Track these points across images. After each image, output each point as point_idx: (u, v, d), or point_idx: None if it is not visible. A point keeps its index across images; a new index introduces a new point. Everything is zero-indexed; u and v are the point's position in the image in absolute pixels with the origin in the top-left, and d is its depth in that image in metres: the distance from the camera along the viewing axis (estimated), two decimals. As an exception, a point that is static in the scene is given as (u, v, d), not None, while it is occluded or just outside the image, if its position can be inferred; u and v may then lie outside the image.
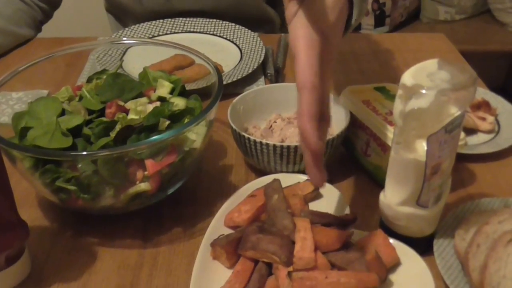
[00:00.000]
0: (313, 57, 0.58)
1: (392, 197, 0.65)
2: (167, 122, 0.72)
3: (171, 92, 0.79)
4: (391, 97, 0.83)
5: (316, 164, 0.59)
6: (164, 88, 0.79)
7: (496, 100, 0.99)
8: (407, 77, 0.59)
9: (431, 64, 0.62)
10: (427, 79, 0.59)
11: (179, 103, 0.76)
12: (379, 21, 2.56)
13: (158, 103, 0.75)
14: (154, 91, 0.79)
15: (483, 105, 0.96)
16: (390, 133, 0.75)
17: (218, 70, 0.78)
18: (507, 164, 0.87)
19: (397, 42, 1.26)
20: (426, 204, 0.64)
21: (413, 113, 0.58)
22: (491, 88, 1.03)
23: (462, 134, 0.76)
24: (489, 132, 0.93)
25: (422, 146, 0.60)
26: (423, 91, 0.57)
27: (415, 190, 0.63)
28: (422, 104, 0.57)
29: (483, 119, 0.93)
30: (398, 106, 0.59)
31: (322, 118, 0.61)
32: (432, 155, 0.60)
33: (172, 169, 0.70)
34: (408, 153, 0.61)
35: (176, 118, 0.74)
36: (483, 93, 1.01)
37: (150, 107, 0.74)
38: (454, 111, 0.59)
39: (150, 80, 0.82)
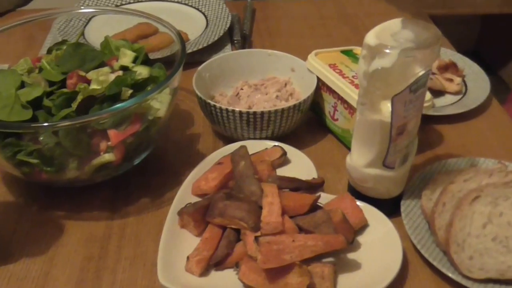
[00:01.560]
0: None
1: (359, 159, 0.65)
2: (130, 91, 0.70)
3: (134, 61, 0.78)
4: (358, 60, 0.82)
5: None
6: (126, 57, 0.78)
7: (463, 62, 1.00)
8: (371, 37, 0.58)
9: (395, 23, 0.61)
10: (390, 39, 0.58)
11: (142, 71, 0.74)
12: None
13: (120, 73, 0.73)
14: (117, 61, 0.77)
15: (451, 67, 0.96)
16: (357, 96, 0.74)
17: (181, 37, 0.76)
18: (474, 124, 0.88)
19: (365, 6, 1.25)
20: (392, 165, 0.64)
21: (377, 73, 0.57)
22: (463, 51, 1.03)
23: (429, 96, 0.76)
24: (456, 93, 0.93)
25: (387, 107, 0.59)
26: (387, 51, 0.56)
27: (381, 151, 0.63)
28: (385, 63, 0.56)
29: (451, 80, 0.93)
30: (362, 66, 0.59)
31: None
32: (397, 115, 0.59)
33: (137, 138, 0.68)
34: (373, 114, 0.61)
35: (139, 87, 0.73)
36: (450, 54, 1.01)
37: (113, 77, 0.72)
38: (419, 70, 0.58)
39: (112, 49, 0.80)
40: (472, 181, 0.66)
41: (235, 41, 1.05)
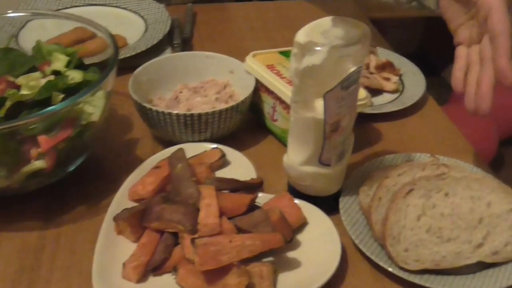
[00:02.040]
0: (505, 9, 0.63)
1: (295, 157, 0.65)
2: (61, 96, 0.68)
3: (68, 65, 0.76)
4: (294, 60, 0.83)
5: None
6: (59, 62, 0.76)
7: (400, 61, 1.02)
8: (301, 35, 0.58)
9: (325, 21, 0.61)
10: (321, 36, 0.59)
11: (75, 76, 0.73)
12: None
13: (52, 77, 0.71)
14: (49, 65, 0.75)
15: (388, 66, 0.98)
16: (294, 95, 0.75)
17: (114, 39, 0.75)
18: (411, 121, 0.89)
19: (306, 9, 1.27)
20: (328, 162, 0.65)
21: (308, 71, 0.58)
22: (407, 54, 1.05)
23: (365, 94, 0.77)
24: (393, 91, 0.95)
25: (320, 104, 0.60)
26: (317, 48, 0.57)
27: (317, 148, 0.63)
28: (316, 61, 0.57)
29: (388, 79, 0.95)
30: (293, 64, 0.59)
31: None
32: (330, 112, 0.60)
33: (69, 144, 0.66)
34: (307, 111, 0.61)
35: (73, 91, 0.70)
36: (387, 54, 1.03)
37: (44, 82, 0.70)
38: (350, 67, 0.59)
39: (44, 54, 0.78)
40: (406, 175, 0.68)
41: (175, 45, 1.04)
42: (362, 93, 0.76)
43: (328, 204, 0.68)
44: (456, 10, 0.70)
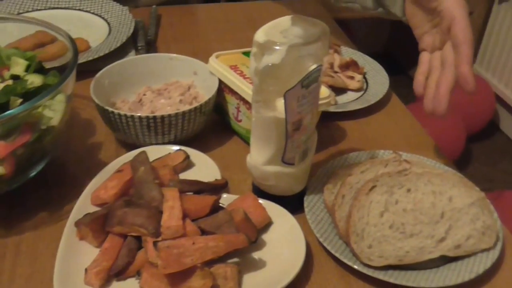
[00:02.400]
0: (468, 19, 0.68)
1: (258, 157, 0.65)
2: (19, 101, 0.67)
3: (27, 69, 0.74)
4: (258, 60, 0.83)
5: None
6: (18, 66, 0.74)
7: (364, 59, 1.02)
8: (260, 35, 0.58)
9: (284, 20, 0.61)
10: (280, 35, 0.59)
11: (34, 80, 0.71)
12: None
13: (10, 82, 0.70)
14: (8, 70, 0.74)
15: (352, 65, 0.98)
16: (257, 95, 0.74)
17: (73, 42, 0.74)
18: (375, 119, 0.90)
19: (272, 10, 1.27)
20: (292, 161, 0.65)
21: (267, 70, 0.58)
22: (373, 53, 1.05)
23: (328, 92, 0.77)
24: (358, 90, 0.96)
25: (281, 103, 0.60)
26: (276, 47, 0.57)
27: (279, 148, 0.63)
28: (275, 60, 0.57)
29: (352, 78, 0.96)
30: (252, 64, 0.59)
31: None
32: (291, 111, 0.60)
33: (28, 149, 0.65)
34: (268, 111, 0.61)
35: (33, 96, 0.69)
36: (351, 53, 1.04)
37: (1, 86, 0.69)
38: (309, 65, 0.59)
39: (3, 58, 0.76)
40: (369, 172, 0.68)
41: (140, 47, 1.03)
42: (325, 91, 0.76)
43: (293, 203, 0.69)
44: (421, 18, 0.74)
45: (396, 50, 2.88)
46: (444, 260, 0.63)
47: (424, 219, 0.63)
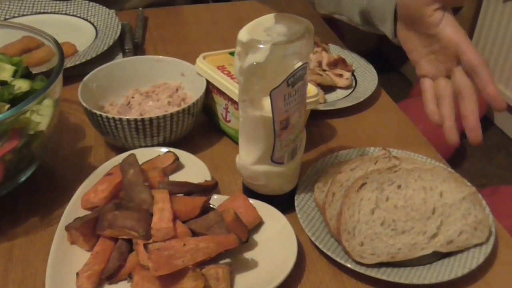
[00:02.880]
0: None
1: (247, 157, 0.65)
2: (7, 106, 0.67)
3: (14, 75, 0.74)
4: (246, 60, 0.83)
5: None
6: (5, 72, 0.74)
7: (352, 57, 1.03)
8: (243, 34, 0.58)
9: (267, 19, 0.61)
10: (263, 34, 0.59)
11: (22, 85, 0.71)
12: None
13: (-3, 88, 0.70)
14: (-5, 76, 0.73)
15: (340, 62, 0.98)
16: (246, 96, 0.74)
17: (60, 47, 0.73)
18: (364, 116, 0.90)
19: (259, 10, 1.27)
20: (281, 160, 0.65)
21: (252, 69, 0.57)
22: (364, 51, 1.05)
23: (316, 91, 0.77)
24: (346, 87, 0.96)
25: (267, 102, 0.59)
26: (260, 46, 0.57)
27: (268, 147, 0.63)
28: (259, 58, 0.56)
29: (340, 75, 0.96)
30: (237, 63, 0.59)
31: None
32: (278, 109, 0.60)
33: (17, 154, 0.65)
34: (255, 110, 0.61)
35: (20, 101, 0.69)
36: (339, 51, 1.04)
37: (-12, 93, 0.68)
38: (294, 63, 0.59)
39: (-11, 64, 0.76)
40: (358, 169, 0.68)
41: (127, 50, 1.03)
42: (313, 90, 0.76)
43: (284, 203, 0.68)
44: (417, 44, 0.74)
45: (388, 48, 2.88)
46: (437, 256, 0.63)
47: (416, 215, 0.63)
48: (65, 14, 1.13)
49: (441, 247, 0.63)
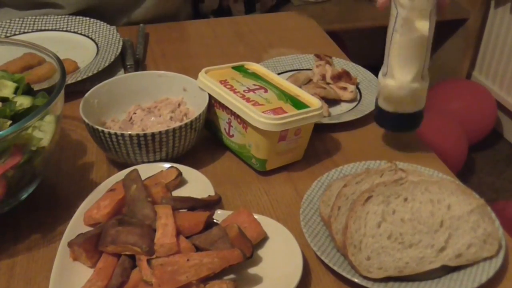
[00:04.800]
0: None
1: (406, 76, 0.74)
2: (9, 122, 0.66)
3: (16, 91, 0.74)
4: (249, 74, 0.83)
5: None
6: (7, 89, 0.74)
7: (356, 70, 1.02)
8: None
9: None
10: None
11: (23, 102, 0.71)
12: (249, 7, 2.55)
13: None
14: (-4, 93, 0.73)
15: (344, 75, 0.98)
16: (249, 110, 0.74)
17: (61, 63, 0.73)
18: (370, 129, 0.89)
19: (260, 23, 1.27)
20: (426, 76, 0.77)
21: None
22: (367, 64, 1.05)
23: (320, 104, 0.76)
24: (351, 100, 0.95)
25: (422, 23, 0.71)
26: None
27: (421, 64, 0.74)
28: None
29: (345, 89, 0.95)
30: None
31: None
32: (432, 28, 0.72)
33: (19, 171, 0.64)
34: (415, 31, 0.71)
35: (21, 118, 0.68)
36: (343, 64, 1.04)
37: (-10, 109, 0.68)
38: None
39: (-9, 81, 0.76)
40: (364, 182, 0.67)
41: (128, 66, 1.03)
42: (317, 103, 0.75)
43: (420, 117, 0.80)
44: None
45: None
46: (446, 270, 0.62)
47: (423, 228, 0.62)
48: (66, 31, 1.13)
49: (449, 260, 0.61)
